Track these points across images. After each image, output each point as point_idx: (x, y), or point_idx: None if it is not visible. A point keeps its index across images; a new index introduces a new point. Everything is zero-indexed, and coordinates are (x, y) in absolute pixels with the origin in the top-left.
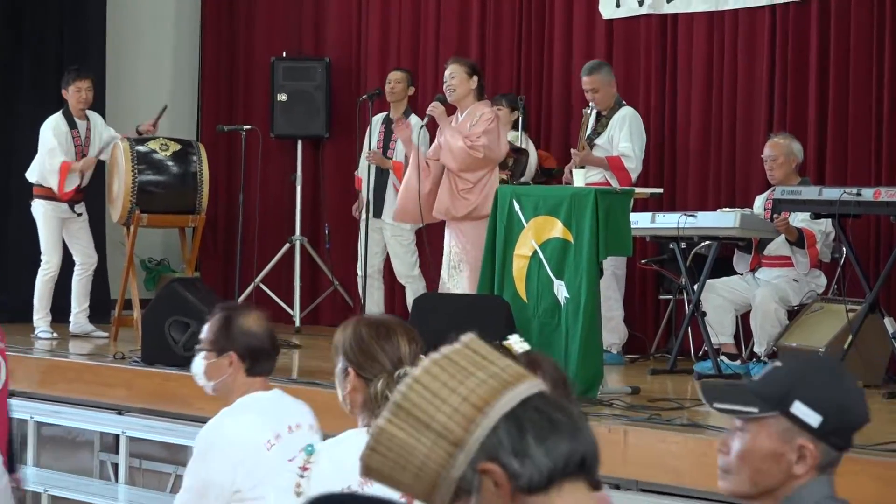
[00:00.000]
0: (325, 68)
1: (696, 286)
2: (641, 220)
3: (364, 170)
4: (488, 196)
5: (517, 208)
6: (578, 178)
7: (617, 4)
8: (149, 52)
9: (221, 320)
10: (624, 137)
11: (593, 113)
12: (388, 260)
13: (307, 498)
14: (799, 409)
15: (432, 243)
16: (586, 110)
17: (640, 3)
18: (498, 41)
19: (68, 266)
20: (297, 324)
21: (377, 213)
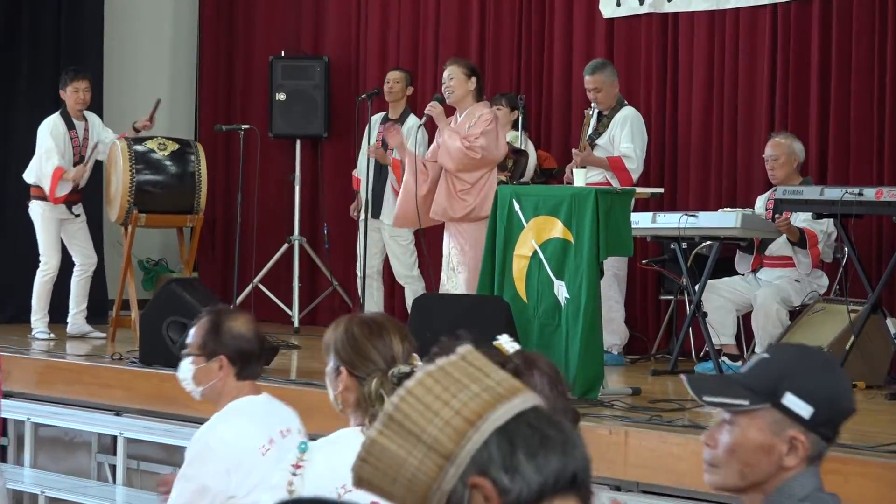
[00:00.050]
0: (324, 67)
1: (697, 286)
2: (642, 220)
3: (363, 170)
4: (486, 197)
5: (517, 208)
6: (579, 178)
7: (617, 3)
8: (147, 51)
9: (209, 323)
10: (625, 138)
11: (595, 113)
12: (387, 260)
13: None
14: (790, 400)
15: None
16: (588, 111)
17: (641, 2)
18: (498, 40)
19: (67, 267)
20: (296, 324)
21: (376, 214)
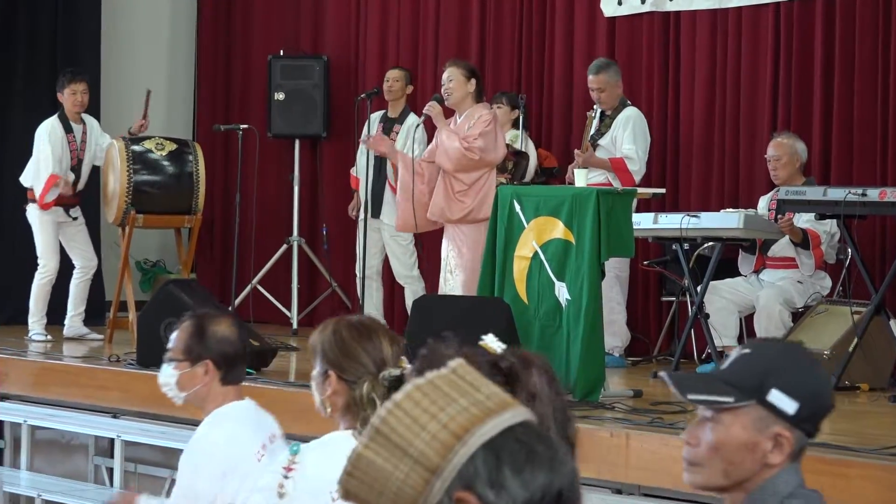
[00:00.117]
0: (324, 67)
1: (699, 288)
2: (644, 221)
3: (361, 169)
4: (484, 200)
5: (518, 209)
6: (580, 179)
7: (619, 2)
8: (144, 50)
9: (193, 327)
10: (627, 139)
11: (597, 114)
12: (387, 261)
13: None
14: (776, 396)
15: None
16: (590, 113)
17: (643, 0)
18: (498, 40)
19: (65, 269)
20: (295, 326)
21: (375, 213)
